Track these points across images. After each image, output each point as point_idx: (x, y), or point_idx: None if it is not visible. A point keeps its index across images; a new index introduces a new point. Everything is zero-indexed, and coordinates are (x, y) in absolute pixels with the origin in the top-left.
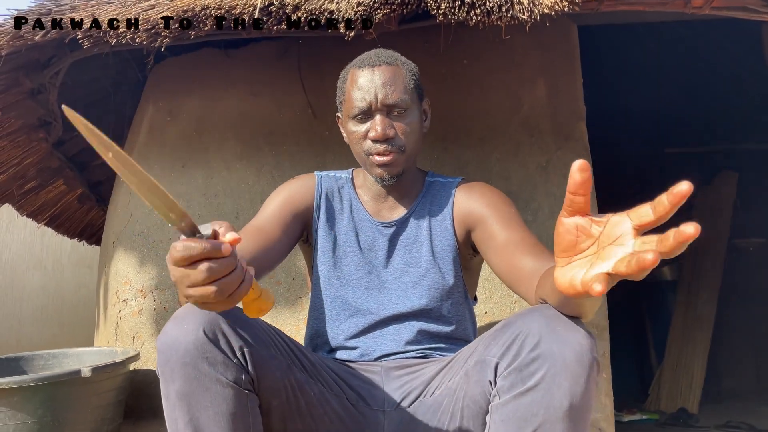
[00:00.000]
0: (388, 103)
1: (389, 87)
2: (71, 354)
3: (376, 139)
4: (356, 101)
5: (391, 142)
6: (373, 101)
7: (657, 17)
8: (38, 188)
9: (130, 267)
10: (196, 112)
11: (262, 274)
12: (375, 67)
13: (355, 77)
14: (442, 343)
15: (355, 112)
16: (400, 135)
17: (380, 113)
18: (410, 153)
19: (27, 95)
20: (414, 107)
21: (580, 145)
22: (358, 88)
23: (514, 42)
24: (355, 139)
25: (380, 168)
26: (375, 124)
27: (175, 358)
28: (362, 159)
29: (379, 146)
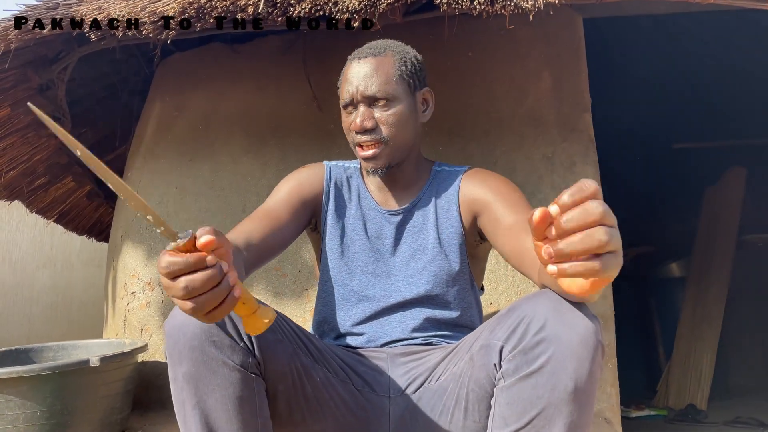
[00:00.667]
0: (368, 95)
1: (369, 79)
2: (80, 345)
3: (356, 131)
4: (343, 92)
5: (371, 134)
6: (354, 93)
7: (663, 9)
8: (47, 185)
9: (138, 260)
10: (203, 106)
11: (269, 256)
12: (361, 59)
13: (346, 69)
14: (448, 331)
15: (342, 103)
16: (381, 126)
17: (362, 104)
18: (397, 144)
19: (36, 91)
20: (402, 97)
21: (585, 137)
22: (346, 80)
23: (519, 34)
24: (345, 128)
25: (366, 160)
26: (356, 116)
27: (182, 341)
28: (354, 150)
29: (361, 137)
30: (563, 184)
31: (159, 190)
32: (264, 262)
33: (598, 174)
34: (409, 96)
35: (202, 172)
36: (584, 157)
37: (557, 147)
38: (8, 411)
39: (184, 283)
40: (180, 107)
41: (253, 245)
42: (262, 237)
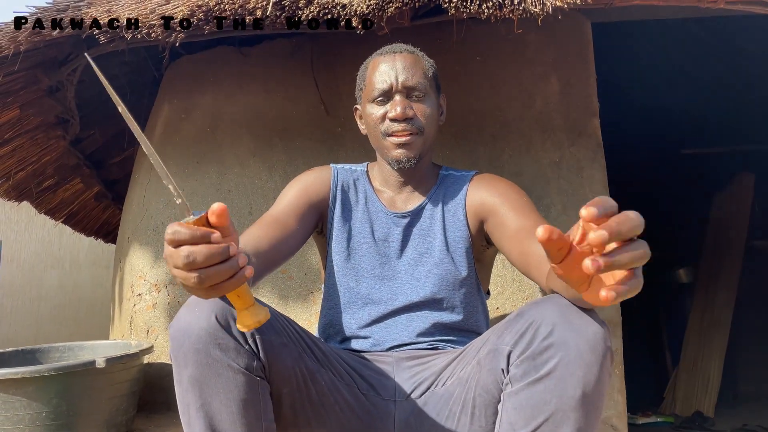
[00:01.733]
0: (408, 85)
1: (409, 70)
2: (86, 346)
3: (395, 119)
4: (377, 83)
5: (410, 122)
6: (393, 83)
7: (672, 13)
8: (56, 186)
9: (145, 262)
10: (210, 109)
11: (277, 263)
12: (396, 54)
13: (376, 63)
14: (453, 335)
15: (375, 94)
16: (419, 116)
17: (400, 94)
18: (427, 137)
19: (45, 93)
20: (433, 95)
21: (593, 142)
22: (379, 72)
23: (527, 38)
24: (374, 121)
25: (398, 149)
26: (395, 104)
27: (187, 343)
28: (380, 142)
29: (397, 125)
30: (570, 188)
31: (166, 192)
32: (273, 269)
33: (606, 179)
34: (436, 96)
35: (209, 174)
36: (592, 162)
37: (565, 151)
38: (14, 411)
39: (186, 251)
40: (188, 110)
41: (261, 253)
42: (270, 244)
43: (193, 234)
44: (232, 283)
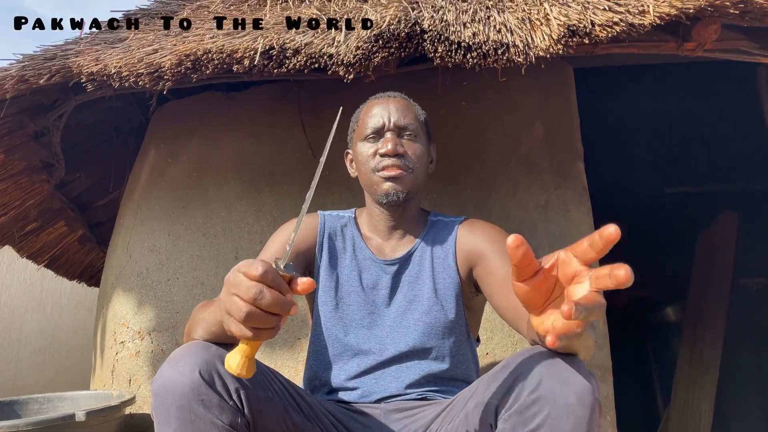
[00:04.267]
0: (400, 125)
1: (402, 112)
2: (66, 397)
3: (386, 153)
4: (369, 122)
5: (400, 158)
6: (386, 122)
7: (651, 59)
8: (39, 230)
9: (128, 308)
10: (197, 153)
11: None
12: (390, 98)
13: (370, 106)
14: (443, 385)
15: (367, 132)
16: (410, 154)
17: (392, 132)
18: (417, 176)
19: (30, 137)
20: (424, 138)
21: (578, 184)
22: (372, 114)
23: (512, 84)
24: (364, 158)
25: (388, 182)
26: (386, 141)
27: (170, 400)
28: (369, 179)
29: (388, 160)
30: (558, 231)
31: (152, 236)
32: None
33: (592, 221)
34: (427, 141)
35: (195, 218)
36: (578, 205)
37: (551, 194)
38: None
39: (258, 288)
40: (174, 154)
41: None
42: None
43: (275, 278)
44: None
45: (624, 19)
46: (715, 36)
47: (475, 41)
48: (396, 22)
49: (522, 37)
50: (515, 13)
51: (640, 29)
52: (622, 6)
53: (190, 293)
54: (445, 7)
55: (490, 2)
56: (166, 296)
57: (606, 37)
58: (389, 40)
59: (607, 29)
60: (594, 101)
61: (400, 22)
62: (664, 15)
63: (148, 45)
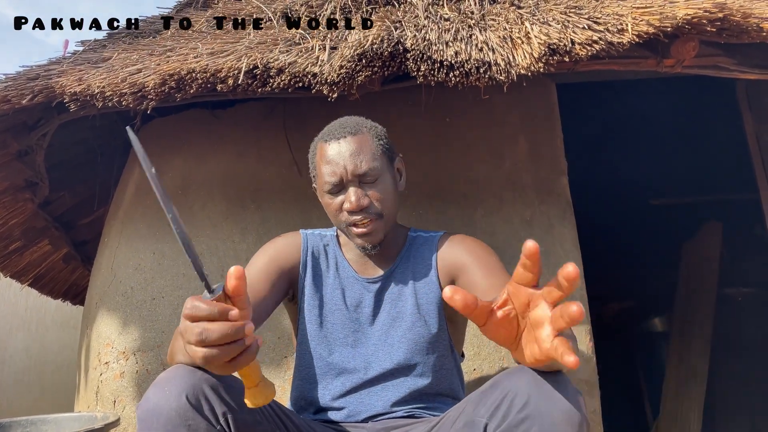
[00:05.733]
0: (359, 173)
1: (357, 157)
2: (50, 420)
3: (351, 211)
4: (327, 176)
5: (366, 211)
6: (343, 174)
7: (633, 75)
8: (23, 248)
9: (113, 328)
10: (182, 171)
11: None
12: (341, 140)
13: (323, 152)
14: (429, 401)
15: (327, 187)
16: (375, 203)
17: (352, 184)
18: (388, 217)
19: (14, 156)
20: (386, 172)
21: (562, 200)
22: (327, 162)
23: (495, 100)
24: (332, 211)
25: (360, 238)
26: (348, 196)
27: (156, 425)
28: (342, 229)
29: (355, 217)
30: (542, 247)
31: (137, 255)
32: None
33: (576, 236)
34: (390, 169)
35: None
36: (562, 220)
37: (535, 210)
38: None
39: (200, 328)
40: (159, 172)
41: None
42: None
43: (211, 311)
44: (241, 361)
45: (603, 37)
46: (694, 53)
47: (458, 60)
48: (379, 41)
49: (503, 55)
50: (497, 32)
51: (619, 47)
52: (602, 24)
53: (175, 312)
54: (428, 26)
55: (471, 21)
56: (151, 316)
57: (586, 55)
58: (372, 59)
59: (587, 47)
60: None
61: (383, 41)
62: (643, 33)
63: (131, 64)
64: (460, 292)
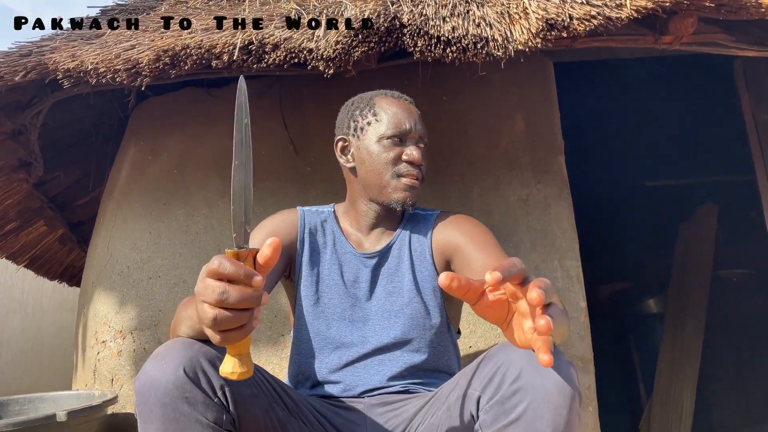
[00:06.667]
0: (422, 134)
1: (422, 121)
2: (47, 398)
3: (414, 162)
4: (396, 123)
5: (420, 169)
6: (413, 127)
7: (630, 53)
8: (18, 229)
9: (110, 307)
10: (178, 150)
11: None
12: (408, 102)
13: (389, 103)
14: (425, 377)
15: (392, 132)
16: (424, 165)
17: (413, 142)
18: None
19: (8, 136)
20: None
21: (559, 179)
22: (394, 113)
23: (492, 78)
24: (383, 160)
25: (406, 191)
26: (413, 149)
27: (154, 398)
28: (384, 181)
29: (413, 169)
30: (539, 225)
31: (133, 234)
32: None
33: (572, 215)
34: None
35: (176, 216)
36: (559, 199)
37: (532, 189)
38: None
39: (222, 288)
40: (155, 151)
41: None
42: None
43: (238, 272)
44: (245, 330)
45: (601, 12)
46: (692, 29)
47: (455, 35)
48: (375, 16)
49: (501, 31)
50: (494, 7)
51: (618, 23)
52: (600, 0)
53: (171, 291)
54: (425, 1)
55: None
56: (147, 294)
57: (584, 30)
58: (369, 35)
59: (585, 23)
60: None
61: (379, 16)
62: (641, 8)
63: (125, 41)
64: (455, 278)
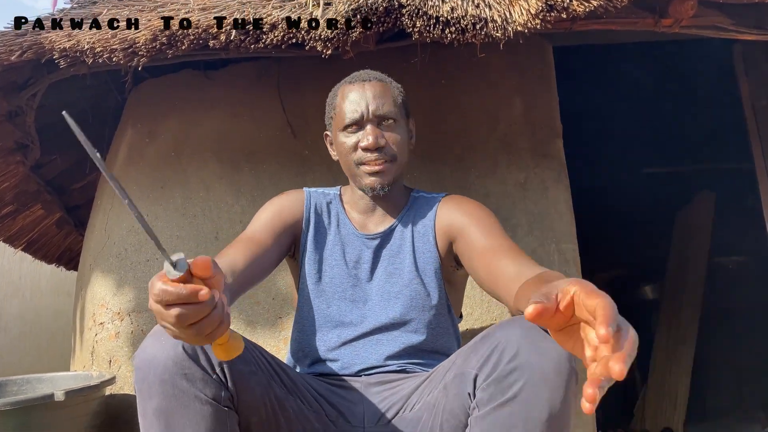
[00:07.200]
0: (379, 114)
1: (379, 99)
2: (45, 379)
3: (367, 148)
4: (348, 113)
5: (381, 151)
6: (364, 112)
7: (629, 38)
8: (15, 213)
9: (107, 289)
10: (175, 133)
11: (253, 282)
12: (366, 82)
13: (346, 92)
14: (423, 358)
15: (346, 122)
16: (391, 144)
17: (371, 123)
18: (400, 163)
19: (4, 118)
20: (402, 122)
21: (557, 163)
22: (349, 101)
23: (491, 62)
24: (346, 150)
25: (372, 177)
26: (366, 134)
27: (153, 374)
28: (352, 171)
29: (370, 155)
30: (536, 209)
31: (130, 217)
32: (249, 287)
33: (570, 199)
34: (406, 122)
35: (174, 199)
36: (557, 183)
37: (530, 172)
38: None
39: (176, 312)
40: (152, 134)
41: (237, 272)
42: (246, 264)
43: (180, 294)
44: (221, 329)
45: None
46: (692, 12)
47: (454, 16)
48: None
49: (500, 11)
50: None
51: (618, 4)
52: None
53: None
54: None
55: None
56: (145, 277)
57: (583, 11)
58: (367, 15)
59: (585, 4)
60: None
61: None
62: None
63: (122, 20)
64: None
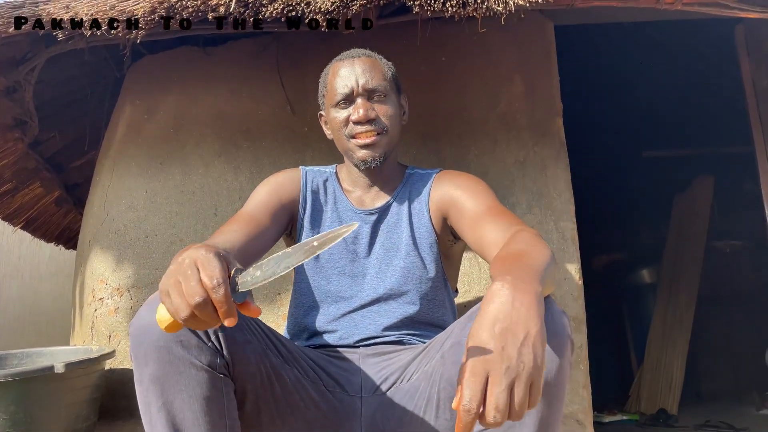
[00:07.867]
0: (369, 88)
1: (369, 73)
2: (45, 353)
3: (358, 121)
4: (338, 88)
5: (372, 123)
6: (354, 86)
7: (630, 16)
8: (14, 190)
9: (107, 265)
10: (174, 109)
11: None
12: (355, 59)
13: (336, 69)
14: (420, 329)
15: (337, 98)
16: (381, 117)
17: (361, 97)
18: (392, 137)
19: (2, 93)
20: (393, 96)
21: (556, 141)
22: (339, 77)
23: (492, 40)
24: (338, 125)
25: (363, 150)
26: (357, 107)
27: (148, 341)
28: (344, 145)
29: (361, 127)
30: (535, 187)
31: (129, 194)
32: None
33: (569, 177)
34: (397, 97)
35: (172, 175)
36: (556, 161)
37: (529, 151)
38: None
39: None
40: (150, 110)
41: (236, 249)
42: (245, 241)
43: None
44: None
45: None
46: None
47: None
48: None
49: None
50: None
51: None
52: None
53: (168, 250)
54: None
55: None
56: (144, 253)
57: None
58: None
59: None
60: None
61: None
62: None
63: None
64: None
